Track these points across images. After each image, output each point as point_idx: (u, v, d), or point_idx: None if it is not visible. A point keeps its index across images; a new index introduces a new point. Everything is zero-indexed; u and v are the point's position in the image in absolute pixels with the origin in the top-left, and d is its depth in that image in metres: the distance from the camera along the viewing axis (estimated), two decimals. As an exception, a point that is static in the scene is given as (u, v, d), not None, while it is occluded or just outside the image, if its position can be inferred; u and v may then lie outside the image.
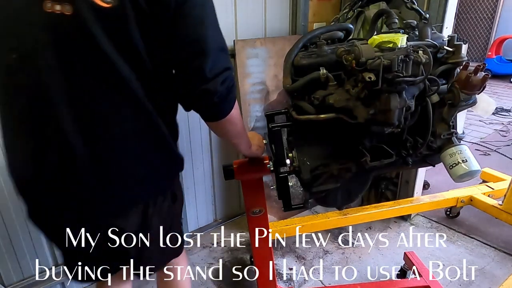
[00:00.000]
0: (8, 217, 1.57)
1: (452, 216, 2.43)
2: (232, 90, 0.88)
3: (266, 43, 2.13)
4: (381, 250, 2.16)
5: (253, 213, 1.39)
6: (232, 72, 0.88)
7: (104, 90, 0.82)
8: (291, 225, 1.98)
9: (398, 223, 2.41)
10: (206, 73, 0.81)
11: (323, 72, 1.02)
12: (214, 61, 0.82)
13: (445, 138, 1.12)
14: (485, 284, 1.87)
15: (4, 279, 1.64)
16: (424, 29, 1.13)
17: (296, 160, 1.15)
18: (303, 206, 1.30)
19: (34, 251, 1.68)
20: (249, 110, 2.15)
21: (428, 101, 1.07)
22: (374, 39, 1.00)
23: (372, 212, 2.09)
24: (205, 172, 2.21)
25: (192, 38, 0.81)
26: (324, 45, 1.07)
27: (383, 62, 0.90)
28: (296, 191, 2.30)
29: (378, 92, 0.94)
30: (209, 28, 0.83)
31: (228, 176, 1.27)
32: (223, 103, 0.87)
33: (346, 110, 1.01)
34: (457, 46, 1.08)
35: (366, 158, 1.05)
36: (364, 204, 2.49)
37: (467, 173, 1.04)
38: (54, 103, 0.81)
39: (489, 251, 2.13)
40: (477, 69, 1.03)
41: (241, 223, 2.44)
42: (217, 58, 0.83)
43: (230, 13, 2.00)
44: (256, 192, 1.37)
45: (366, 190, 1.86)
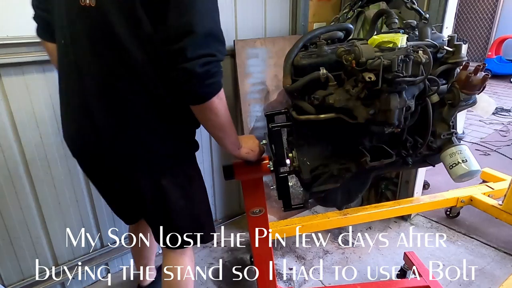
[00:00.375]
0: (8, 217, 1.57)
1: (452, 216, 2.44)
2: (213, 76, 0.92)
3: (266, 43, 2.13)
4: (381, 250, 2.16)
5: (253, 213, 1.39)
6: (217, 60, 0.92)
7: (122, 71, 0.98)
8: (291, 225, 1.98)
9: (398, 223, 2.41)
10: (187, 53, 0.87)
11: (323, 72, 1.01)
12: (198, 44, 0.89)
13: (445, 138, 1.12)
14: (485, 284, 1.88)
15: (4, 279, 1.64)
16: (424, 29, 1.12)
17: (296, 160, 1.15)
18: (303, 206, 1.30)
19: (34, 251, 1.68)
20: (249, 110, 2.15)
21: (428, 101, 1.07)
22: (374, 39, 1.00)
23: (372, 212, 2.09)
24: (205, 172, 2.21)
25: (181, 21, 0.89)
26: (324, 45, 1.06)
27: (383, 62, 0.89)
28: (296, 191, 2.31)
29: (378, 92, 0.94)
30: (198, 13, 0.89)
31: (228, 176, 1.27)
32: (201, 86, 0.92)
33: (346, 110, 1.01)
34: (457, 46, 1.08)
35: (366, 158, 1.05)
36: (364, 204, 2.49)
37: (467, 173, 1.04)
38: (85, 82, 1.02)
39: (489, 251, 2.13)
40: (477, 69, 1.02)
41: (241, 223, 2.44)
42: (202, 42, 0.89)
43: (230, 13, 2.00)
44: (256, 192, 1.37)
45: (366, 190, 1.86)
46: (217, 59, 0.92)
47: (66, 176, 1.67)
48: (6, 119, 1.45)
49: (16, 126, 1.48)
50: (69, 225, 1.75)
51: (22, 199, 1.58)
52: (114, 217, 1.89)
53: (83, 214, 1.79)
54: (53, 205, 1.67)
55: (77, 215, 1.77)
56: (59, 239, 1.74)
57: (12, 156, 1.51)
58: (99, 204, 1.82)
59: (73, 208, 1.74)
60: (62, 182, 1.67)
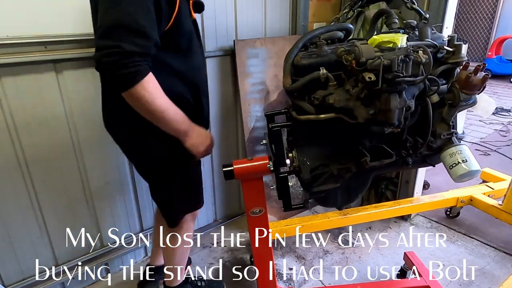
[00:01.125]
0: (8, 217, 1.57)
1: (452, 216, 2.43)
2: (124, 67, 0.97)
3: (266, 43, 2.13)
4: (381, 250, 2.16)
5: (253, 213, 1.39)
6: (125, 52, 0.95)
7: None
8: (291, 225, 1.98)
9: (398, 223, 2.41)
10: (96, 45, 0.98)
11: (323, 72, 1.01)
12: (102, 36, 0.97)
13: (445, 138, 1.12)
14: (485, 284, 1.87)
15: (4, 279, 1.64)
16: (424, 29, 1.13)
17: (296, 160, 1.15)
18: (303, 206, 1.30)
19: (34, 251, 1.68)
20: (249, 110, 2.15)
21: (428, 101, 1.07)
22: (374, 39, 1.00)
23: (372, 212, 2.09)
24: (205, 172, 2.20)
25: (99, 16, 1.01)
26: (324, 45, 1.07)
27: (383, 62, 0.89)
28: (296, 191, 2.31)
29: (378, 92, 0.94)
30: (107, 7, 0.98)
31: (228, 176, 1.27)
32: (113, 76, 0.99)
33: (346, 110, 1.01)
34: (457, 46, 1.08)
35: (366, 158, 1.05)
36: (364, 204, 2.49)
37: (467, 173, 1.05)
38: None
39: (489, 251, 2.13)
40: (477, 69, 1.03)
41: (241, 223, 2.44)
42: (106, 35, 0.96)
43: (230, 13, 2.00)
44: (256, 192, 1.37)
45: (366, 190, 1.86)
46: (124, 50, 0.95)
47: (65, 176, 1.67)
48: (6, 119, 1.45)
49: (16, 126, 1.48)
50: (69, 225, 1.75)
51: (22, 199, 1.58)
52: (114, 217, 1.90)
53: (83, 214, 1.79)
54: (53, 205, 1.67)
55: (77, 215, 1.77)
56: (59, 239, 1.74)
57: (12, 156, 1.51)
58: (99, 204, 1.82)
59: (73, 208, 1.74)
60: (62, 182, 1.67)
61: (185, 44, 1.20)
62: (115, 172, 1.82)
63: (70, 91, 1.57)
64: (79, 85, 1.58)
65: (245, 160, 1.28)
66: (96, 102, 1.67)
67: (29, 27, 1.40)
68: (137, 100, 1.04)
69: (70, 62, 1.53)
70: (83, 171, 1.72)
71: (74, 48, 1.52)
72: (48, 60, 1.47)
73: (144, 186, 1.95)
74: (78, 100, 1.60)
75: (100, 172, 1.77)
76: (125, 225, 1.96)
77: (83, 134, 1.66)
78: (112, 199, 1.86)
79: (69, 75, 1.55)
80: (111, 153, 1.76)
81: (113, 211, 1.89)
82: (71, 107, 1.59)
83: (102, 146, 1.72)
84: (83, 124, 1.64)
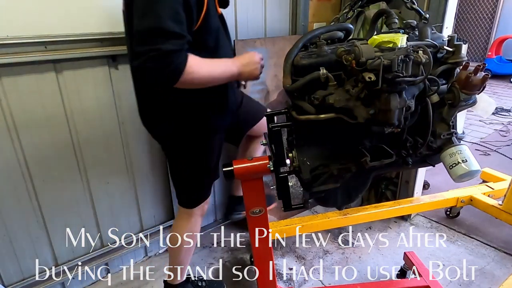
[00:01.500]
0: (8, 217, 1.57)
1: (452, 216, 2.43)
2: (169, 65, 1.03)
3: (266, 43, 2.13)
4: (381, 250, 2.16)
5: (253, 213, 1.39)
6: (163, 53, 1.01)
7: None
8: (291, 225, 1.98)
9: (398, 223, 2.41)
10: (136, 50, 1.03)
11: (323, 72, 1.01)
12: (138, 42, 1.03)
13: (445, 138, 1.12)
14: (485, 284, 1.88)
15: (4, 279, 1.64)
16: (424, 29, 1.12)
17: (296, 160, 1.15)
18: (303, 206, 1.30)
19: (34, 251, 1.68)
20: (249, 110, 2.15)
21: (428, 101, 1.07)
22: (374, 39, 1.00)
23: (372, 212, 2.09)
24: (205, 172, 2.20)
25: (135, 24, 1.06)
26: (324, 45, 1.06)
27: (383, 62, 0.89)
28: (296, 191, 2.30)
29: (378, 92, 0.94)
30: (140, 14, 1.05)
31: (228, 176, 1.27)
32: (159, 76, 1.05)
33: (346, 110, 1.01)
34: (457, 46, 1.08)
35: (366, 158, 1.05)
36: (364, 204, 2.49)
37: (467, 173, 1.04)
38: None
39: (489, 251, 2.13)
40: (477, 69, 1.02)
41: (241, 223, 2.44)
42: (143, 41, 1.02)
43: (230, 13, 2.00)
44: (256, 192, 1.37)
45: (366, 190, 1.86)
46: (163, 51, 1.01)
47: (65, 176, 1.67)
48: (6, 119, 1.45)
49: (15, 126, 1.48)
50: (69, 225, 1.75)
51: (22, 199, 1.58)
52: (114, 217, 1.90)
53: (83, 214, 1.79)
54: (53, 205, 1.67)
55: (77, 215, 1.77)
56: (59, 239, 1.74)
57: (12, 156, 1.51)
58: (99, 204, 1.82)
59: (73, 208, 1.74)
60: (62, 182, 1.67)
61: (213, 41, 1.25)
62: (115, 172, 1.82)
63: (70, 91, 1.57)
64: (79, 85, 1.58)
65: (245, 160, 1.28)
66: (96, 102, 1.67)
67: (29, 27, 1.40)
68: (190, 83, 1.13)
69: (70, 62, 1.53)
70: (83, 171, 1.72)
71: (74, 48, 1.52)
72: (48, 60, 1.47)
73: (144, 186, 1.95)
74: (78, 100, 1.60)
75: (100, 172, 1.77)
76: (125, 225, 1.96)
77: (83, 134, 1.66)
78: (112, 199, 1.86)
79: (69, 75, 1.55)
80: (111, 153, 1.77)
81: (113, 211, 1.89)
82: (71, 107, 1.59)
83: (102, 146, 1.72)
84: (83, 124, 1.65)
